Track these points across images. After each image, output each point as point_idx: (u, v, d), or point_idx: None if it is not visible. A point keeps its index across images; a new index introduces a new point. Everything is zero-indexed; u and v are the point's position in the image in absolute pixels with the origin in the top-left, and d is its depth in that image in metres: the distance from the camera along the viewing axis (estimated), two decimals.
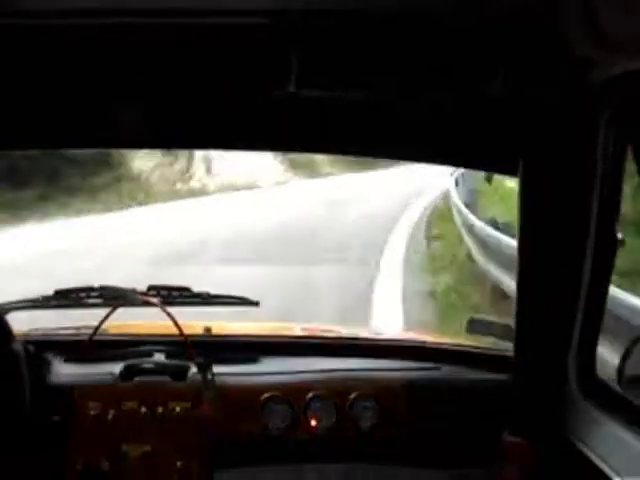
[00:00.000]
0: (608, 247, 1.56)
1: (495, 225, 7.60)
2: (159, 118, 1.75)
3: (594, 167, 1.50)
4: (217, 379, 1.92)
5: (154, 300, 2.07)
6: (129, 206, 14.70)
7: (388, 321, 6.06)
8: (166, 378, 1.98)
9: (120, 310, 2.07)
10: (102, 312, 2.08)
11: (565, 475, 1.68)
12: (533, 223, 1.61)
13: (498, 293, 6.27)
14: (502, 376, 1.91)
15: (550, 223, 1.58)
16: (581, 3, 1.04)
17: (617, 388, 1.52)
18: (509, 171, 1.70)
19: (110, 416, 1.89)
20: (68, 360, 2.04)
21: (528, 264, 1.64)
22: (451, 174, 11.85)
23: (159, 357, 2.03)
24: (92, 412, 1.89)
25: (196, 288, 2.16)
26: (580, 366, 1.65)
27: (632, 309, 3.56)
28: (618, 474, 1.43)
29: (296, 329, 2.45)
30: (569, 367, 1.66)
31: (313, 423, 1.93)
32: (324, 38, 1.21)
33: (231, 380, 1.97)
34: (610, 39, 1.02)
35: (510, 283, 5.24)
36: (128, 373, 1.98)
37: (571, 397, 1.65)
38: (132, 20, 1.19)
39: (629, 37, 1.01)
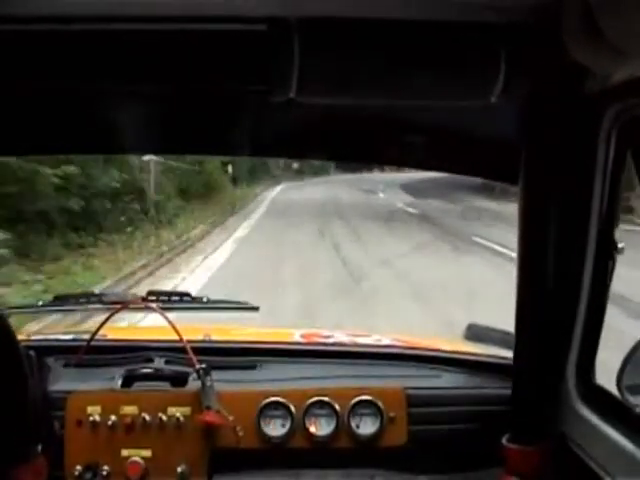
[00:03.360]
0: (608, 253, 1.56)
1: None
2: (158, 124, 1.75)
3: (594, 172, 1.50)
4: (216, 385, 1.91)
5: (153, 305, 2.07)
6: None
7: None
8: (166, 384, 1.98)
9: (120, 315, 2.07)
10: (103, 318, 2.08)
11: None
12: (533, 229, 1.61)
13: None
14: (501, 382, 1.91)
15: (550, 229, 1.58)
16: (581, 8, 1.04)
17: (616, 394, 1.52)
18: (509, 178, 1.70)
19: (109, 421, 1.88)
20: (67, 365, 2.04)
21: (528, 271, 1.64)
22: None
23: (159, 363, 2.03)
24: (91, 417, 1.88)
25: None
26: (579, 373, 1.65)
27: None
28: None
29: (295, 335, 2.45)
30: (568, 373, 1.66)
31: (312, 430, 1.93)
32: (323, 44, 1.22)
33: (230, 386, 1.97)
34: (610, 45, 1.02)
35: None
36: (128, 378, 1.98)
37: (570, 403, 1.65)
38: (129, 27, 1.20)
39: (629, 43, 1.02)
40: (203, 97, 1.53)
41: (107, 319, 2.05)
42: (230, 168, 22.65)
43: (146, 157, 12.95)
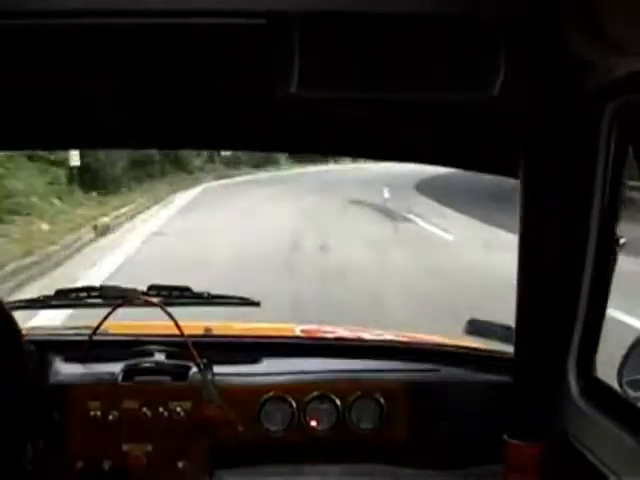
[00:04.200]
0: (609, 248, 1.56)
1: None
2: (159, 119, 1.75)
3: (595, 167, 1.50)
4: (217, 379, 1.92)
5: (155, 300, 2.07)
6: None
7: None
8: (166, 378, 1.98)
9: (121, 310, 2.07)
10: (103, 312, 2.08)
11: (565, 476, 1.68)
12: (534, 225, 1.61)
13: None
14: (502, 377, 1.91)
15: (551, 225, 1.58)
16: (582, 4, 1.04)
17: (617, 389, 1.52)
18: (510, 172, 1.70)
19: (111, 416, 1.89)
20: (68, 359, 2.04)
21: (528, 265, 1.64)
22: None
23: (160, 357, 2.03)
24: (92, 412, 1.89)
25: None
26: (580, 368, 1.65)
27: None
28: (617, 475, 1.43)
29: (296, 330, 2.45)
30: (569, 368, 1.66)
31: (313, 424, 1.93)
32: (323, 38, 1.21)
33: (231, 380, 1.97)
34: (611, 40, 1.02)
35: None
36: (128, 373, 1.98)
37: (571, 399, 1.65)
38: (129, 21, 1.19)
39: (630, 38, 1.01)
40: (204, 91, 1.52)
41: (108, 314, 2.05)
42: (76, 158, 11.57)
43: None
